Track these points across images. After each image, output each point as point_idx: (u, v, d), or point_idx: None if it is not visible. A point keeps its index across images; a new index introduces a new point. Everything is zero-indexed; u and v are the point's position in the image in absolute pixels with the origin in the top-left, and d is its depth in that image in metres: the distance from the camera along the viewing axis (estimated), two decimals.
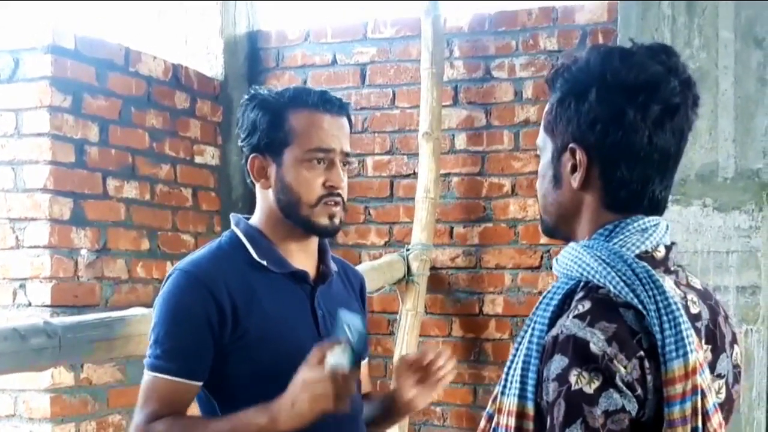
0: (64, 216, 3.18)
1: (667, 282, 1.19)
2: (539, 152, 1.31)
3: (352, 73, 4.12)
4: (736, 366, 1.29)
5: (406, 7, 4.08)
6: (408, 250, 3.76)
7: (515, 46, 3.87)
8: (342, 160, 1.76)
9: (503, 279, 3.86)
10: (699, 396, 1.11)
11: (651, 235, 1.21)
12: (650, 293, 1.13)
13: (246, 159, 1.78)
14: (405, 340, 3.66)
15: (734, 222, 2.72)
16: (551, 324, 1.17)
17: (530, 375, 1.16)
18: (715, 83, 2.75)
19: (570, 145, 1.23)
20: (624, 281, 1.14)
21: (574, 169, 1.23)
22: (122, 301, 3.30)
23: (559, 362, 1.11)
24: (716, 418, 1.14)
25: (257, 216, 1.81)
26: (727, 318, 1.29)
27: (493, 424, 1.22)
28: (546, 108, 1.29)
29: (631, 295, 1.13)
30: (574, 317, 1.13)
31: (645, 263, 1.16)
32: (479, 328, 3.88)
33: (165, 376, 1.65)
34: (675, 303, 1.13)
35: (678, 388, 1.10)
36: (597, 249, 1.19)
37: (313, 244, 1.81)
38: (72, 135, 3.21)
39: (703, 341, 1.22)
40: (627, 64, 1.19)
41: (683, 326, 1.11)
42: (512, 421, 1.16)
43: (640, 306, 1.12)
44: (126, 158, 3.49)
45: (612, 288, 1.15)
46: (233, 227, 1.80)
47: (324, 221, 1.74)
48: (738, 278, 2.70)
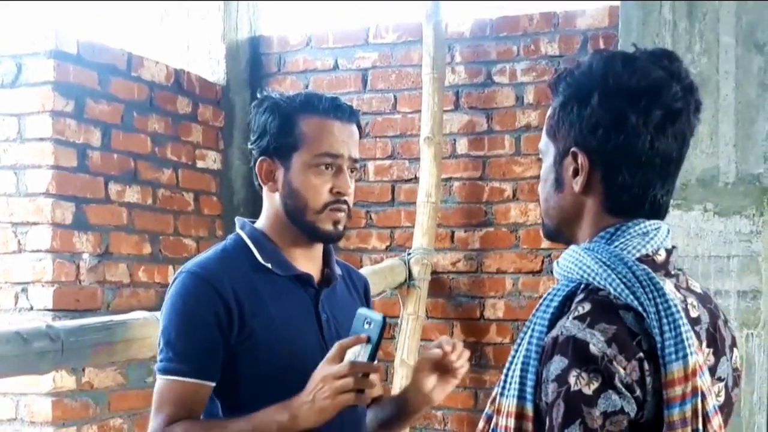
0: (66, 220, 3.18)
1: (668, 285, 1.19)
2: (541, 156, 1.32)
3: (354, 78, 4.12)
4: (736, 369, 1.30)
5: (408, 13, 4.09)
6: (409, 255, 3.77)
7: (516, 51, 3.88)
8: (350, 167, 1.76)
9: (504, 283, 3.86)
10: (699, 398, 1.11)
11: (652, 239, 1.22)
12: (650, 296, 1.13)
13: (254, 162, 1.78)
14: (406, 345, 3.67)
15: (735, 227, 2.71)
16: (551, 325, 1.17)
17: (529, 376, 1.16)
18: (716, 88, 2.75)
19: (572, 149, 1.23)
20: (624, 283, 1.14)
21: (576, 173, 1.24)
22: (124, 305, 3.30)
23: (559, 363, 1.11)
24: (716, 420, 1.14)
25: (263, 219, 1.81)
26: (726, 322, 1.30)
27: (492, 425, 1.22)
28: (548, 112, 1.29)
29: (631, 297, 1.13)
30: (574, 318, 1.13)
31: (645, 266, 1.17)
32: (480, 332, 3.88)
33: (179, 378, 1.65)
34: (675, 306, 1.13)
35: (678, 390, 1.10)
36: (598, 251, 1.19)
37: (318, 248, 1.82)
38: (74, 140, 3.22)
39: (704, 344, 1.23)
40: (629, 69, 1.20)
41: (683, 329, 1.12)
42: (511, 422, 1.16)
43: (640, 308, 1.13)
44: (128, 163, 3.49)
45: (612, 290, 1.15)
46: (238, 230, 1.80)
47: (328, 227, 1.74)
48: (739, 283, 2.70)
